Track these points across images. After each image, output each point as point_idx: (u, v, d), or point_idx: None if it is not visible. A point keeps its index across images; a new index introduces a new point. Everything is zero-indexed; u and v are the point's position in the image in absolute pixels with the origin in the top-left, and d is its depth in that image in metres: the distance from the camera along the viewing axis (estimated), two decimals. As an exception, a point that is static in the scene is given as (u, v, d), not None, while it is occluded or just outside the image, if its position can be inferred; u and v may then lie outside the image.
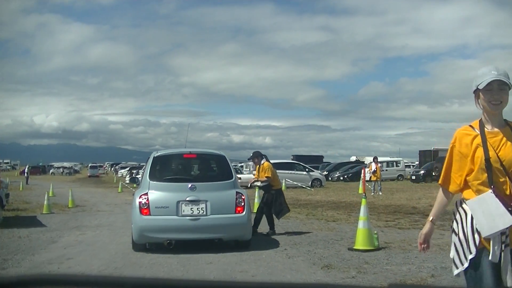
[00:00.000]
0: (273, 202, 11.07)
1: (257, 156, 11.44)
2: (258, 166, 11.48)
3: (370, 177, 25.88)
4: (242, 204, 9.06)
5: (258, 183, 11.43)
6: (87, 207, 19.71)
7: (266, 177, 11.05)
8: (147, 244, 9.10)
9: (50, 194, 26.18)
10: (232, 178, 9.44)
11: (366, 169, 36.77)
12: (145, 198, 8.85)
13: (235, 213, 9.00)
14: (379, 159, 30.55)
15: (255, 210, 15.78)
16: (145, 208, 8.79)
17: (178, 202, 8.82)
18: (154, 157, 9.63)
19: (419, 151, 49.97)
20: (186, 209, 8.83)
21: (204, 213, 8.84)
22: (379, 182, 25.51)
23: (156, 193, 8.94)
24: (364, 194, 9.21)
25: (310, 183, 32.13)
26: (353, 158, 62.04)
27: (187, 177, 9.75)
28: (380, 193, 24.47)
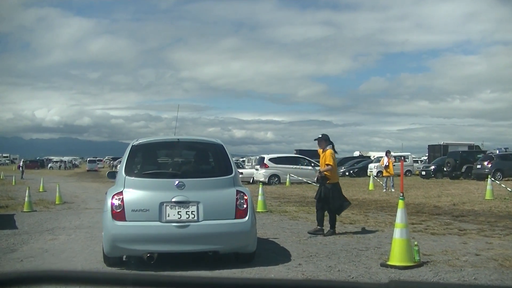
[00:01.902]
0: (331, 197, 9.93)
1: (325, 140, 10.27)
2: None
3: (382, 172, 24.45)
4: (244, 206, 7.11)
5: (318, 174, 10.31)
6: (75, 204, 18.43)
7: (327, 164, 9.98)
8: (124, 256, 7.25)
9: (40, 190, 24.64)
10: (231, 173, 7.45)
11: (377, 164, 35.22)
12: (119, 199, 6.91)
13: (235, 218, 7.05)
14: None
15: (259, 210, 14.01)
16: (118, 212, 6.86)
17: (161, 204, 6.90)
18: (132, 146, 7.67)
19: (428, 145, 48.55)
20: (171, 213, 6.90)
21: (195, 218, 6.91)
22: (391, 178, 23.76)
23: (133, 192, 7.00)
24: (401, 194, 7.22)
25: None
26: (356, 153, 62.84)
27: (173, 171, 7.74)
28: (393, 190, 22.80)
